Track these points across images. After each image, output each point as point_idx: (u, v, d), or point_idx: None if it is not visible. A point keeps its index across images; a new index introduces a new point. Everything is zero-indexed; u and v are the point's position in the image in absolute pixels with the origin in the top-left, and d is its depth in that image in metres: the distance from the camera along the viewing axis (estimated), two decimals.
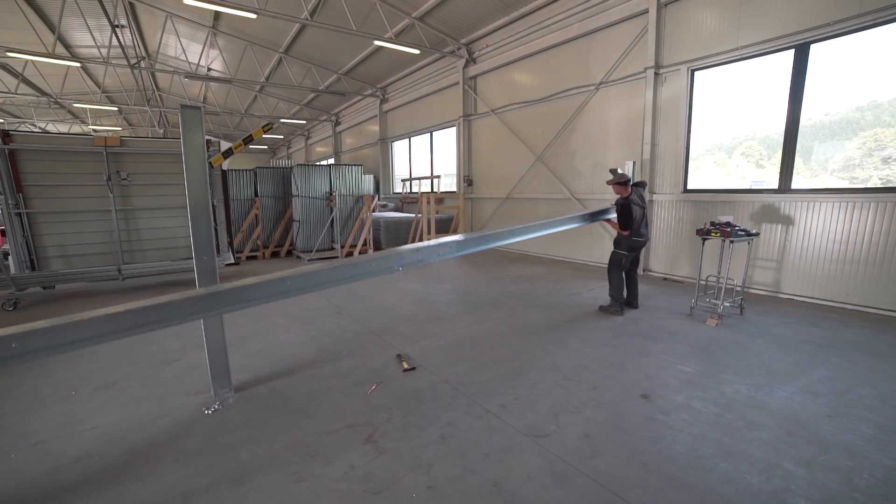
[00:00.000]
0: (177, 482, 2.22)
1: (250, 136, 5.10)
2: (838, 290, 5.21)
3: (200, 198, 2.91)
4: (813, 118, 5.52)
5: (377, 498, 2.08)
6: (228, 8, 8.34)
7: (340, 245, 9.75)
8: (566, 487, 2.13)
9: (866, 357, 3.68)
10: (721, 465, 2.28)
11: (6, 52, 10.00)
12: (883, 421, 2.68)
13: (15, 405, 3.07)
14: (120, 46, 11.63)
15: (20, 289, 5.78)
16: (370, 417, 2.81)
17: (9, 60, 13.55)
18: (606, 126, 7.79)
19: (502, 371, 3.51)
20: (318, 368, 3.63)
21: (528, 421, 2.74)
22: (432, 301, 5.81)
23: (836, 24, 4.91)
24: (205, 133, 3.00)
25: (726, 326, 4.52)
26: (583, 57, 8.05)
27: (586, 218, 5.15)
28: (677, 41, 6.51)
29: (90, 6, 10.71)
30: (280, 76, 15.41)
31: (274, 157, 31.86)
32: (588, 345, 4.07)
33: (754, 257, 5.86)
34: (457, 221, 10.69)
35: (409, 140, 14.69)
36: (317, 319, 5.04)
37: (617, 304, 5.03)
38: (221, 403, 3.03)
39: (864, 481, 2.13)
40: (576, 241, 8.66)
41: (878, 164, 5.09)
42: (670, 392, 3.10)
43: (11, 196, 5.65)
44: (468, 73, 10.82)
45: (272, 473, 2.27)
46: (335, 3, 9.53)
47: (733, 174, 6.56)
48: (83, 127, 21.70)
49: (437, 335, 4.43)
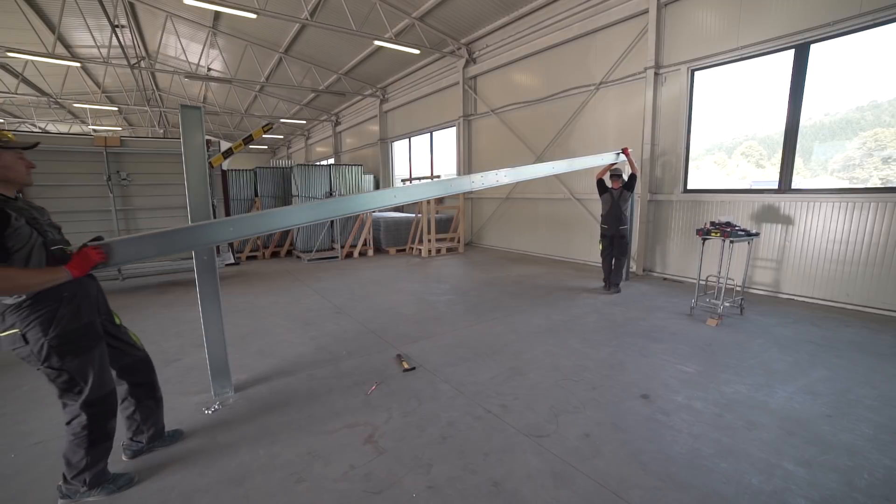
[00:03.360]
0: (177, 482, 2.22)
1: (250, 136, 5.11)
2: (838, 290, 5.21)
3: (200, 198, 2.91)
4: (813, 118, 5.52)
5: (377, 498, 2.08)
6: (228, 8, 8.34)
7: (340, 245, 9.76)
8: (566, 487, 2.13)
9: (866, 357, 3.68)
10: (721, 465, 2.28)
11: (6, 52, 9.99)
12: (883, 421, 2.68)
13: (15, 405, 3.07)
14: (120, 46, 11.62)
15: None
16: (370, 417, 2.81)
17: (9, 60, 13.56)
18: (606, 126, 7.79)
19: (502, 371, 3.51)
20: (318, 368, 3.63)
21: (528, 421, 2.74)
22: (432, 301, 5.80)
23: (836, 24, 4.90)
24: (205, 133, 3.00)
25: (726, 326, 4.52)
26: (583, 57, 8.05)
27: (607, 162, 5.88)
28: (677, 41, 6.51)
29: (90, 6, 10.71)
30: (280, 76, 15.42)
31: (274, 157, 31.86)
32: (588, 345, 4.07)
33: (754, 257, 5.86)
34: (457, 221, 10.69)
35: (409, 140, 14.68)
36: (317, 319, 5.04)
37: (604, 283, 6.17)
38: (221, 403, 3.03)
39: (864, 481, 2.13)
40: (576, 241, 8.66)
41: (878, 164, 5.10)
42: (670, 392, 3.10)
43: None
44: (468, 73, 10.82)
45: (272, 473, 2.27)
46: (335, 3, 9.53)
47: (733, 174, 6.56)
48: (83, 127, 21.71)
49: (437, 335, 4.43)
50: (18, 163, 1.95)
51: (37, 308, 1.87)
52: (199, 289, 2.95)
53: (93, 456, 2.06)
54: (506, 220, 10.53)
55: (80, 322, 2.00)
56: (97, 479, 2.10)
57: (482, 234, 11.43)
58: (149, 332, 4.54)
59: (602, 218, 6.11)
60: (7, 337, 1.88)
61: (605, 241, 6.10)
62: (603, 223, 6.09)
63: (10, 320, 1.86)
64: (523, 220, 10.00)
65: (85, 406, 2.02)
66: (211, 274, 2.98)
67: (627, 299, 5.71)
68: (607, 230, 6.03)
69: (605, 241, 6.10)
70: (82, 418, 2.02)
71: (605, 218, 6.05)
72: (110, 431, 2.15)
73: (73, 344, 1.97)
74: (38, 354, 1.90)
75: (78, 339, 1.99)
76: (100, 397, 2.06)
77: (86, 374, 2.02)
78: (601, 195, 6.06)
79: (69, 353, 1.96)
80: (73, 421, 2.03)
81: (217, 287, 3.01)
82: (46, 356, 1.91)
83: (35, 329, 1.88)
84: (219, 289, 3.02)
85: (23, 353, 1.92)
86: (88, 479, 2.07)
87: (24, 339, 1.87)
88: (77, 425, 2.03)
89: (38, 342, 1.89)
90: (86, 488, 2.07)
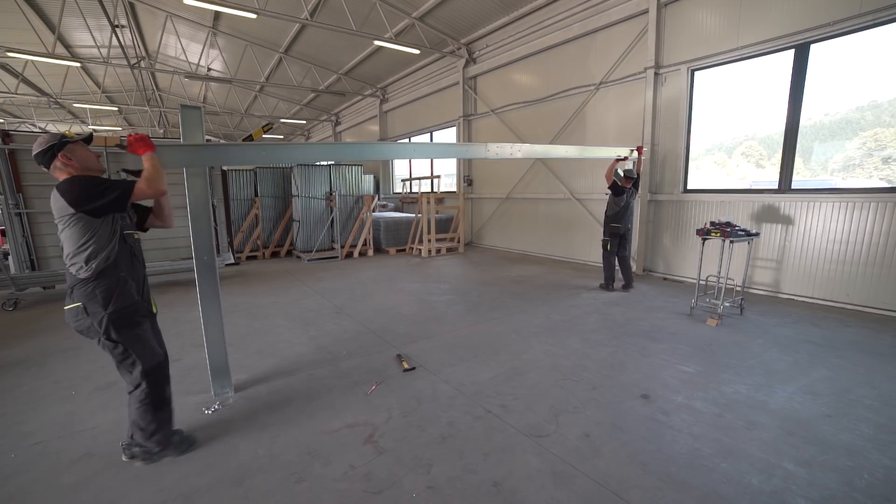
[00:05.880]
0: (177, 482, 2.22)
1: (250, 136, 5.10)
2: (838, 290, 5.21)
3: (200, 198, 2.91)
4: (813, 118, 5.52)
5: (377, 498, 2.08)
6: (228, 8, 8.34)
7: (340, 245, 9.75)
8: (566, 487, 2.13)
9: (866, 357, 3.68)
10: (721, 465, 2.28)
11: (6, 52, 9.99)
12: (883, 421, 2.68)
13: (15, 405, 3.07)
14: (120, 46, 11.61)
15: (20, 289, 5.78)
16: (370, 417, 2.81)
17: (9, 60, 13.55)
18: (606, 126, 7.79)
19: (502, 371, 3.51)
20: (318, 368, 3.63)
21: (528, 421, 2.74)
22: (432, 301, 5.80)
23: (836, 24, 4.90)
24: (205, 133, 3.00)
25: (726, 326, 4.52)
26: (583, 57, 8.05)
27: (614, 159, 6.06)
28: (677, 41, 6.51)
29: (90, 6, 10.71)
30: (280, 76, 15.41)
31: None
32: (588, 345, 4.07)
33: (754, 257, 5.86)
34: (457, 221, 10.69)
35: (409, 140, 14.69)
36: (317, 319, 5.04)
37: (607, 282, 6.24)
38: (221, 403, 3.03)
39: (864, 481, 2.13)
40: (576, 241, 8.66)
41: (879, 164, 5.10)
42: (670, 392, 3.10)
43: (11, 196, 5.64)
44: (468, 73, 10.82)
45: (272, 473, 2.27)
46: (335, 3, 9.53)
47: (733, 174, 6.56)
48: (83, 127, 21.71)
49: (437, 335, 4.43)
50: (90, 154, 2.25)
51: (100, 285, 2.15)
52: (199, 289, 2.96)
53: (159, 420, 2.35)
54: (506, 220, 10.53)
55: (132, 299, 2.28)
56: (166, 439, 2.40)
57: (482, 234, 11.43)
58: None
59: (614, 217, 6.07)
60: (72, 310, 2.15)
61: (615, 241, 6.10)
62: (615, 222, 6.06)
63: (77, 295, 2.14)
64: (523, 220, 10.00)
65: (143, 375, 2.30)
66: (211, 274, 2.98)
67: (627, 299, 5.71)
68: (619, 229, 6.03)
69: (616, 241, 6.10)
70: (143, 386, 2.30)
71: (618, 217, 6.03)
72: (168, 397, 2.44)
73: (127, 319, 2.24)
74: (99, 327, 2.16)
75: (131, 315, 2.26)
76: (153, 366, 2.34)
77: (138, 345, 2.29)
78: (616, 196, 6.01)
79: (124, 327, 2.23)
80: (135, 390, 2.32)
81: (217, 287, 3.01)
82: (106, 329, 2.17)
83: (96, 303, 2.15)
84: (219, 289, 3.03)
85: (83, 325, 2.17)
86: (159, 439, 2.36)
87: (86, 312, 2.14)
88: (140, 393, 2.31)
89: (97, 315, 2.15)
90: (158, 448, 2.37)
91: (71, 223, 2.08)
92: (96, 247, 2.12)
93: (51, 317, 5.32)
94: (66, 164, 2.13)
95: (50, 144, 2.10)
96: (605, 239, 6.17)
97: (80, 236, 2.09)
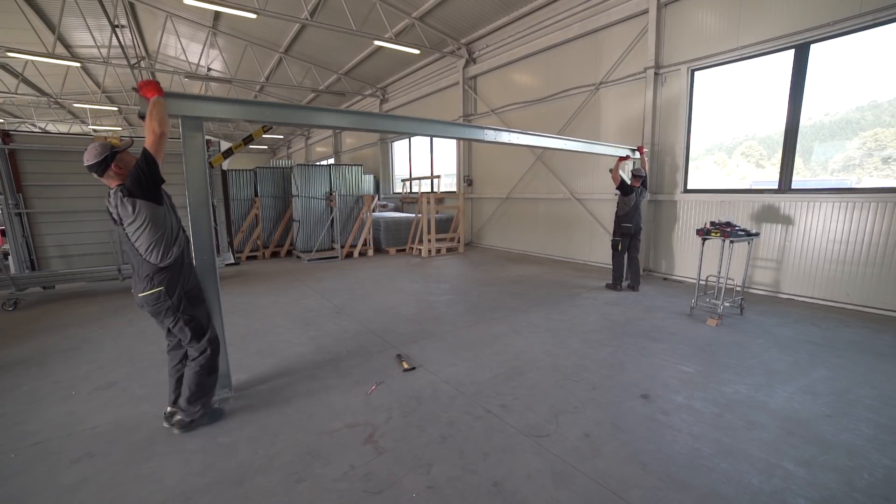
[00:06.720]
0: (177, 482, 2.22)
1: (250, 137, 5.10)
2: (838, 290, 5.21)
3: (200, 198, 2.91)
4: (813, 118, 5.52)
5: (377, 498, 2.08)
6: (228, 8, 8.34)
7: (340, 245, 9.76)
8: (566, 487, 2.13)
9: (866, 357, 3.68)
10: (721, 465, 2.28)
11: (6, 52, 9.99)
12: (883, 421, 2.68)
13: (15, 405, 3.07)
14: (120, 46, 11.60)
15: (20, 289, 5.78)
16: (370, 417, 2.81)
17: (9, 60, 13.55)
18: (607, 126, 7.79)
19: (502, 371, 3.51)
20: (318, 368, 3.63)
21: (528, 421, 2.74)
22: (432, 301, 5.80)
23: (836, 24, 4.91)
24: (205, 133, 3.00)
25: (726, 326, 4.52)
26: (583, 57, 8.05)
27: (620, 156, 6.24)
28: (677, 41, 6.51)
29: (90, 6, 10.70)
30: (280, 76, 15.41)
31: (274, 157, 31.85)
32: (588, 345, 4.07)
33: (754, 257, 5.86)
34: (457, 221, 10.69)
35: (409, 140, 14.69)
36: (317, 319, 5.04)
37: (615, 282, 6.24)
38: (221, 403, 3.03)
39: (864, 481, 2.13)
40: (576, 241, 8.66)
41: (879, 164, 5.10)
42: (670, 392, 3.10)
43: (11, 196, 5.64)
44: (468, 73, 10.82)
45: (272, 473, 2.27)
46: (335, 3, 9.53)
47: (733, 174, 6.56)
48: (83, 127, 21.71)
49: (437, 335, 4.43)
50: (132, 159, 2.45)
51: (174, 270, 2.52)
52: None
53: (209, 385, 2.73)
54: (506, 220, 10.54)
55: (196, 281, 2.75)
56: (209, 403, 2.76)
57: (482, 234, 11.43)
58: (150, 333, 4.54)
59: (625, 216, 6.08)
60: (152, 294, 2.47)
61: (625, 241, 6.10)
62: (625, 222, 6.07)
63: (157, 280, 2.46)
64: (523, 220, 10.00)
65: (209, 342, 2.70)
66: (211, 274, 2.98)
67: (627, 299, 5.71)
68: (630, 228, 6.04)
69: (627, 241, 6.10)
70: (207, 352, 2.69)
71: (628, 216, 6.05)
72: (218, 365, 2.83)
73: (196, 297, 2.70)
74: (178, 305, 2.54)
75: (197, 293, 2.74)
76: (215, 335, 2.78)
77: (206, 317, 2.76)
78: (625, 195, 6.02)
79: (196, 303, 2.68)
80: (199, 356, 2.68)
81: (217, 287, 3.01)
82: (185, 307, 2.58)
83: (174, 285, 2.52)
84: (219, 289, 3.03)
85: (163, 306, 2.50)
86: (205, 402, 2.70)
87: (168, 294, 2.49)
88: (203, 358, 2.68)
89: (177, 295, 2.53)
90: (201, 410, 2.69)
91: (145, 220, 2.36)
92: (169, 238, 2.48)
93: (51, 317, 5.32)
94: (118, 173, 2.37)
95: (104, 156, 2.32)
96: (616, 239, 6.14)
97: (155, 231, 2.40)
